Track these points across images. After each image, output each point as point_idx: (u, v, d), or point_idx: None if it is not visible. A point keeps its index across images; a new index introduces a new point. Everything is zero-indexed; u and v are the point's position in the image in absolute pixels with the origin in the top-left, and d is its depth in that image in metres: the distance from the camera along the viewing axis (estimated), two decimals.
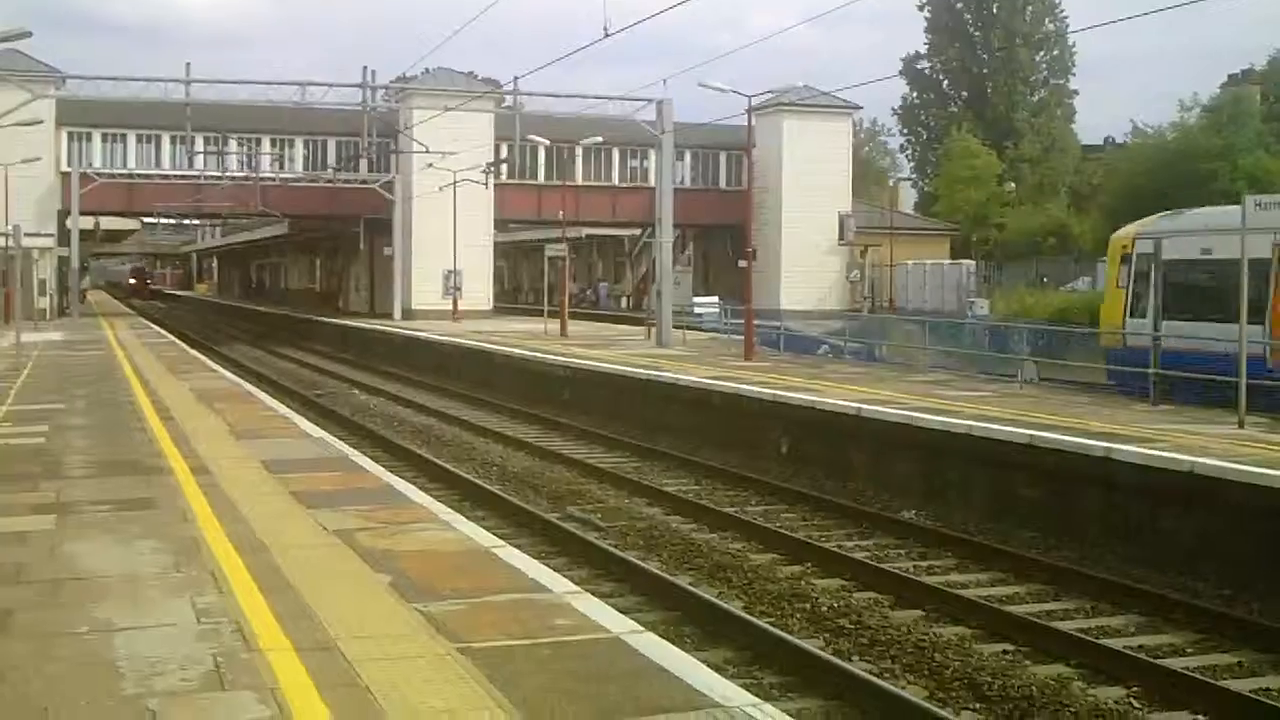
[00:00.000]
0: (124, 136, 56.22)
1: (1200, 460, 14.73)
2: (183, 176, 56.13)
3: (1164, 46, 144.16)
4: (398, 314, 54.53)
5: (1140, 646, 11.55)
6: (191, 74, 53.78)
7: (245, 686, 6.67)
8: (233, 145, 56.84)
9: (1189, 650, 11.63)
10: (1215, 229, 23.60)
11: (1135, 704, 10.11)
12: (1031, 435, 16.99)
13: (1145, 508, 15.15)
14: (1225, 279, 21.88)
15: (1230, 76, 76.11)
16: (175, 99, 53.41)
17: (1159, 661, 11.04)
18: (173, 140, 55.91)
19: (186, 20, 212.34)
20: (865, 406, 20.47)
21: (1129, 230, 27.26)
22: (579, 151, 54.68)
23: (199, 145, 55.80)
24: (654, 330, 37.83)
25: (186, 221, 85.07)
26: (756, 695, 7.21)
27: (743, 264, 35.79)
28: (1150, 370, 22.37)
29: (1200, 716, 9.87)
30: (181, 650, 7.25)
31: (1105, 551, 15.19)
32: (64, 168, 53.86)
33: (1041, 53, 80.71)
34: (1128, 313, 25.54)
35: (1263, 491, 13.69)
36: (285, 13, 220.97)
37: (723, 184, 62.73)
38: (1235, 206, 24.62)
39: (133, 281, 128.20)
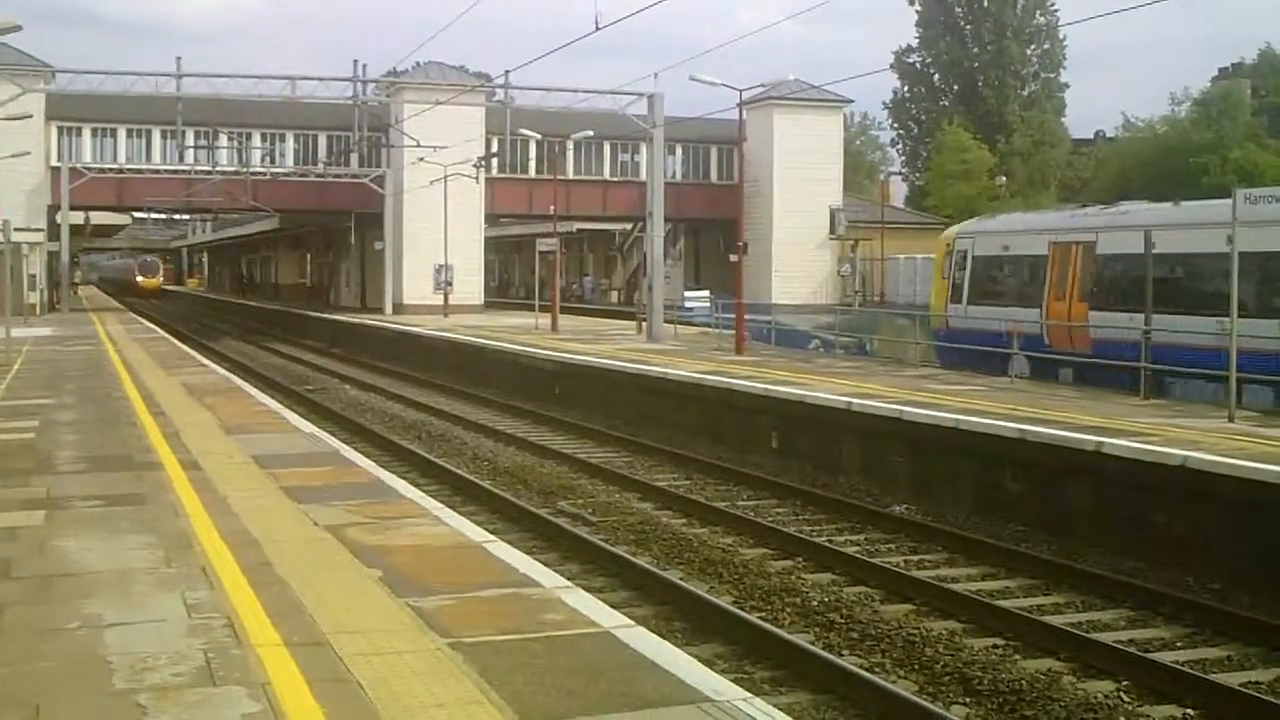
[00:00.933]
0: (114, 131, 56.06)
1: (1192, 454, 14.76)
2: (173, 171, 55.96)
3: (1154, 39, 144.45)
4: (388, 309, 54.47)
5: (1130, 641, 11.58)
6: (182, 68, 53.65)
7: (236, 682, 6.67)
8: (223, 140, 56.72)
9: (1179, 644, 11.66)
10: (1012, 230, 29.67)
11: (1125, 698, 10.13)
12: (1022, 429, 17.02)
13: (1136, 502, 15.18)
14: (1019, 272, 28.16)
15: (1220, 70, 76.32)
16: (166, 93, 53.24)
17: (1149, 656, 11.07)
18: (163, 135, 55.76)
19: (177, 15, 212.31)
20: (855, 401, 20.49)
21: (951, 231, 32.57)
22: (570, 145, 54.55)
23: (189, 140, 55.65)
24: (645, 325, 37.83)
25: (177, 216, 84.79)
26: (747, 689, 7.23)
27: (733, 258, 35.82)
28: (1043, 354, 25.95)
29: (1190, 711, 9.90)
30: (172, 645, 7.25)
31: (1096, 546, 15.23)
32: (54, 162, 53.71)
33: (1032, 46, 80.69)
34: (949, 299, 30.28)
35: (1254, 486, 13.72)
36: (276, 7, 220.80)
37: (714, 178, 62.67)
38: (1031, 213, 33.52)
39: (140, 279, 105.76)
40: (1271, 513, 13.46)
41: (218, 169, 55.91)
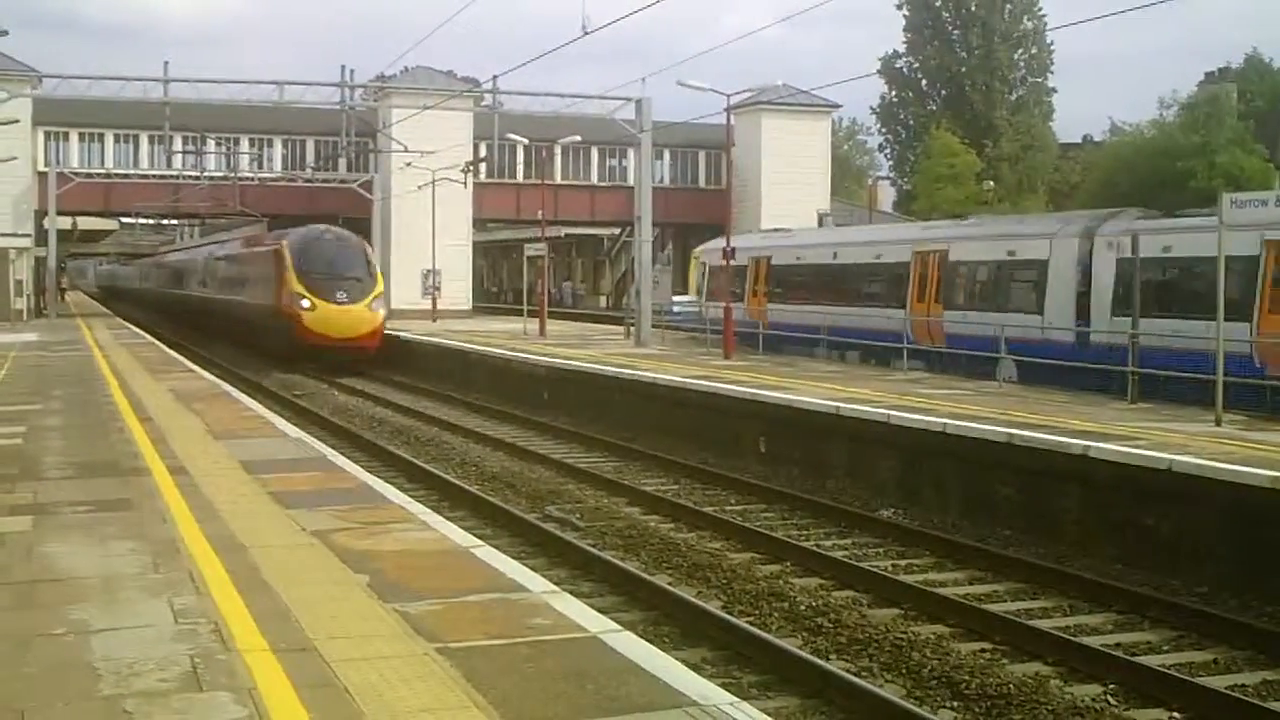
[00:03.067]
0: (101, 136, 56.04)
1: (1179, 458, 14.79)
2: (161, 176, 55.93)
3: (1141, 45, 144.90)
4: None
5: (1118, 644, 11.59)
6: (169, 73, 53.59)
7: (223, 687, 6.66)
8: (211, 145, 56.68)
9: (1166, 648, 11.68)
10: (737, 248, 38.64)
11: (1112, 701, 10.15)
12: (1010, 434, 17.04)
13: (1123, 505, 15.21)
14: (734, 277, 36.60)
15: (1207, 74, 76.51)
16: (153, 98, 53.18)
17: (1136, 659, 11.09)
18: (151, 140, 55.73)
19: (164, 20, 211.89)
20: (843, 405, 20.50)
21: (698, 249, 44.34)
22: (558, 150, 54.60)
23: (177, 145, 55.61)
24: (633, 329, 37.84)
25: (164, 222, 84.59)
26: (735, 694, 7.23)
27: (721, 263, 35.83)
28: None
29: (1176, 714, 9.92)
30: (159, 651, 7.24)
31: (1083, 549, 15.25)
32: (41, 167, 53.67)
33: (1020, 51, 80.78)
34: (699, 297, 41.10)
35: (1240, 489, 13.75)
36: (264, 12, 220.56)
37: (702, 183, 62.79)
38: (740, 236, 41.15)
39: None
40: (1258, 516, 13.50)
41: (205, 174, 55.85)
